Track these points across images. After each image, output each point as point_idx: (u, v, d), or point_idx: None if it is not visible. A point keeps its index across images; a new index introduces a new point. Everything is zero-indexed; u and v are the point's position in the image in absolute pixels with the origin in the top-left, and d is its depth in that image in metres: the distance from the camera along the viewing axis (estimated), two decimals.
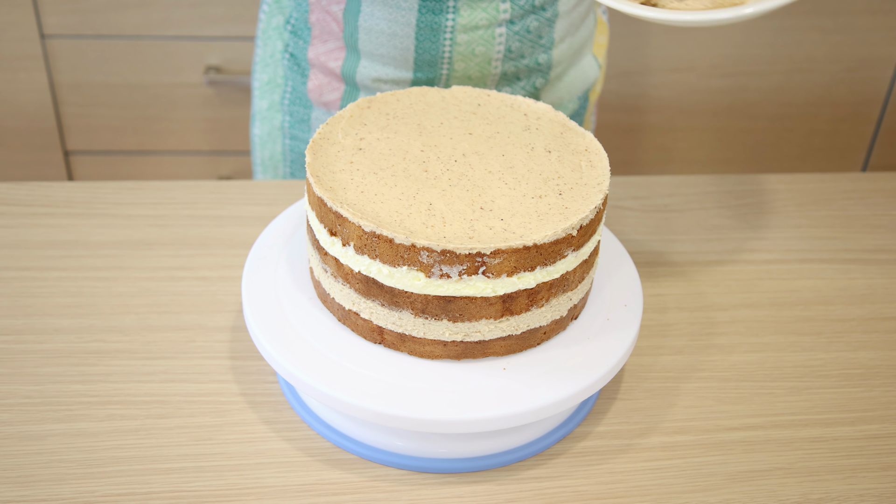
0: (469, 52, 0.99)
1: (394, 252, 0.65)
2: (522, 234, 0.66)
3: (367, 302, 0.69)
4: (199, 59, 1.84)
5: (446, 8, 0.95)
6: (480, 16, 0.96)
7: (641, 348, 0.84)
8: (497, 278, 0.66)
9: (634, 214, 1.02)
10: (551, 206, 0.69)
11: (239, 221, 0.97)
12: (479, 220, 0.67)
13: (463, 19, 0.96)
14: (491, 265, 0.65)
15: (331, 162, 0.72)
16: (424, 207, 0.68)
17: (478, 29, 0.97)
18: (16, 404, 0.75)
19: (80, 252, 0.92)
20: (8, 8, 1.75)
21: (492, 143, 0.75)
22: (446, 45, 0.98)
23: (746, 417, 0.78)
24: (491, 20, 0.97)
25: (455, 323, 0.68)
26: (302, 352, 0.70)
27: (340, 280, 0.70)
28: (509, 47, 1.00)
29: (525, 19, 0.98)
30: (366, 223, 0.65)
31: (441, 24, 0.96)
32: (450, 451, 0.71)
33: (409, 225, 0.66)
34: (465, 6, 0.96)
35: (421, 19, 0.96)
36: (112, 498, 0.68)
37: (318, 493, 0.70)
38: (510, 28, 0.98)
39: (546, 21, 1.00)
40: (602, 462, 0.73)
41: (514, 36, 0.99)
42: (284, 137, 1.12)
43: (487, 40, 0.98)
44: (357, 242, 0.67)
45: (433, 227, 0.66)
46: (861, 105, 2.02)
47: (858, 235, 0.99)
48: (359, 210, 0.67)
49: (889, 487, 0.72)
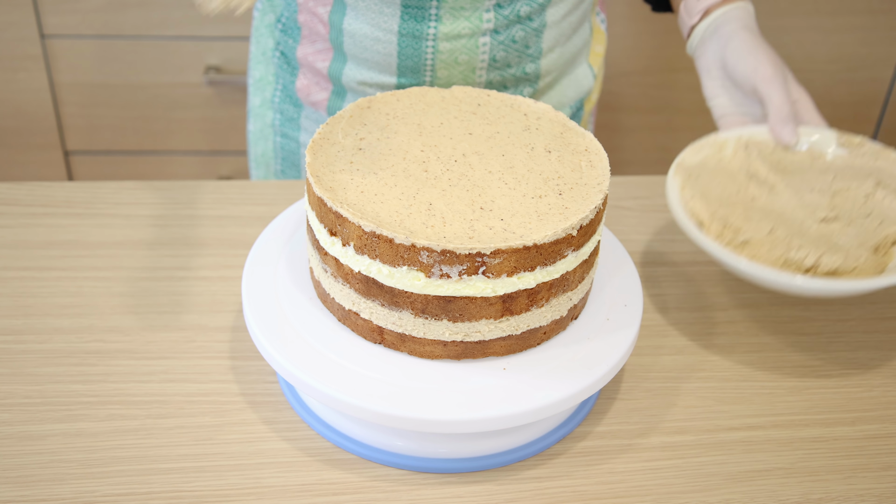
0: (452, 60, 0.98)
1: (394, 252, 0.65)
2: (522, 234, 0.66)
3: (367, 302, 0.69)
4: (199, 59, 1.84)
5: (428, 16, 0.95)
6: (463, 25, 0.95)
7: (641, 348, 0.84)
8: (497, 278, 0.66)
9: (634, 214, 1.02)
10: (551, 206, 0.69)
11: (239, 221, 0.97)
12: (479, 220, 0.67)
13: (445, 27, 0.95)
14: (491, 265, 0.65)
15: (331, 162, 0.72)
16: (424, 207, 0.68)
17: (460, 38, 0.96)
18: (16, 404, 0.75)
19: (80, 252, 0.92)
20: (8, 8, 1.75)
21: (492, 143, 0.75)
22: (428, 53, 0.97)
23: (746, 417, 0.78)
24: (474, 30, 0.96)
25: (455, 323, 0.68)
26: (302, 352, 0.70)
27: (340, 280, 0.70)
28: (494, 56, 0.99)
29: (510, 29, 0.97)
30: (366, 223, 0.65)
31: (423, 32, 0.96)
32: (450, 451, 0.71)
33: (408, 225, 0.66)
34: (448, 14, 0.95)
35: (403, 26, 0.95)
36: (112, 498, 0.68)
37: (318, 493, 0.70)
38: (494, 38, 0.97)
39: (533, 31, 0.99)
40: (602, 462, 0.73)
41: (499, 45, 0.98)
42: (275, 135, 1.12)
43: (471, 49, 0.98)
44: (357, 242, 0.67)
45: (433, 227, 0.66)
46: (861, 105, 2.01)
47: None
48: (359, 210, 0.67)
49: (889, 487, 0.72)
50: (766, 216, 0.80)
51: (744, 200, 0.84)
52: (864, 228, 0.80)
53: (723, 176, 0.85)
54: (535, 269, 0.66)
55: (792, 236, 0.77)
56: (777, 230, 0.77)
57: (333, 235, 0.69)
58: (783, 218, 0.81)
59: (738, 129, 0.88)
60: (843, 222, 0.81)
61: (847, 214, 0.81)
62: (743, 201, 0.84)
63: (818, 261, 0.74)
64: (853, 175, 0.85)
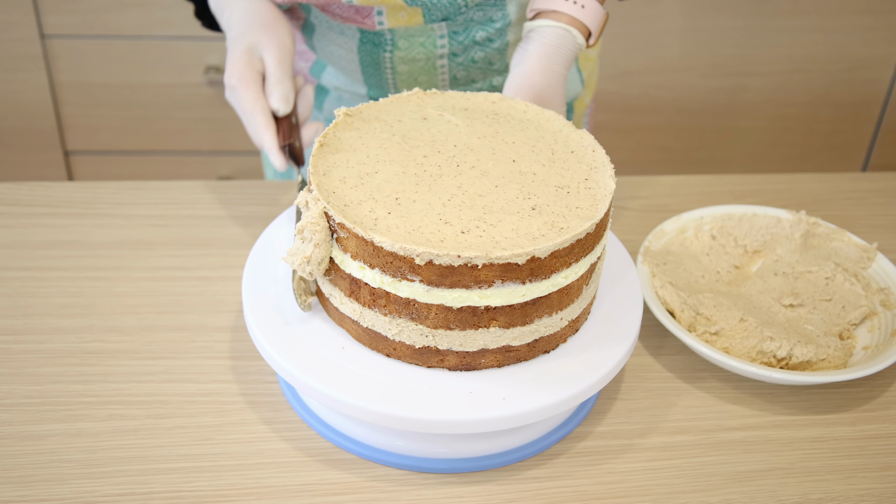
0: (412, 80, 1.00)
1: (389, 261, 0.65)
2: (524, 246, 0.65)
3: (368, 310, 0.69)
4: (199, 59, 1.84)
5: (384, 41, 0.96)
6: (418, 50, 0.96)
7: (641, 348, 0.84)
8: (496, 288, 0.65)
9: (634, 214, 1.02)
10: (553, 216, 0.68)
11: (239, 221, 0.97)
12: (477, 231, 0.66)
13: (401, 52, 0.96)
14: (487, 276, 0.64)
15: (329, 170, 0.71)
16: (424, 217, 0.67)
17: (416, 61, 0.97)
18: (16, 404, 0.75)
19: (80, 252, 0.92)
20: (8, 8, 1.75)
21: (493, 147, 0.75)
22: (388, 74, 0.99)
23: (746, 417, 0.78)
24: (429, 54, 0.97)
25: (455, 331, 0.67)
26: (301, 352, 0.70)
27: (337, 284, 0.70)
28: (454, 76, 1.00)
29: (469, 52, 0.97)
30: (362, 231, 0.65)
31: (380, 56, 0.97)
32: (450, 451, 0.71)
33: (408, 235, 0.65)
34: (403, 39, 0.95)
35: (362, 48, 0.97)
36: (112, 498, 0.68)
37: (318, 493, 0.70)
38: (453, 60, 0.98)
39: (494, 51, 0.98)
40: (602, 462, 0.73)
41: (458, 66, 0.99)
42: None
43: (429, 70, 0.98)
44: (354, 252, 0.66)
45: (433, 236, 0.65)
46: (861, 105, 2.02)
47: (859, 235, 0.99)
48: (359, 222, 0.66)
49: (889, 487, 0.72)
50: (735, 303, 0.84)
51: (710, 283, 0.88)
52: (829, 314, 0.84)
53: (687, 260, 0.90)
54: (534, 280, 0.66)
55: (763, 325, 0.80)
56: (747, 318, 0.81)
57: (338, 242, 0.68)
58: (751, 304, 0.85)
59: (698, 211, 0.94)
60: (807, 308, 0.85)
61: (811, 300, 0.85)
62: (710, 284, 0.88)
63: (790, 352, 0.78)
64: (813, 258, 0.90)
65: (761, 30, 1.89)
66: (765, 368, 0.76)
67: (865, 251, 0.90)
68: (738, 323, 0.81)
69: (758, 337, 0.79)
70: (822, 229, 0.93)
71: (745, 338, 0.80)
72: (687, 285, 0.87)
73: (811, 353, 0.78)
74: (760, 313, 0.83)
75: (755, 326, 0.80)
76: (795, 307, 0.85)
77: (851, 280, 0.86)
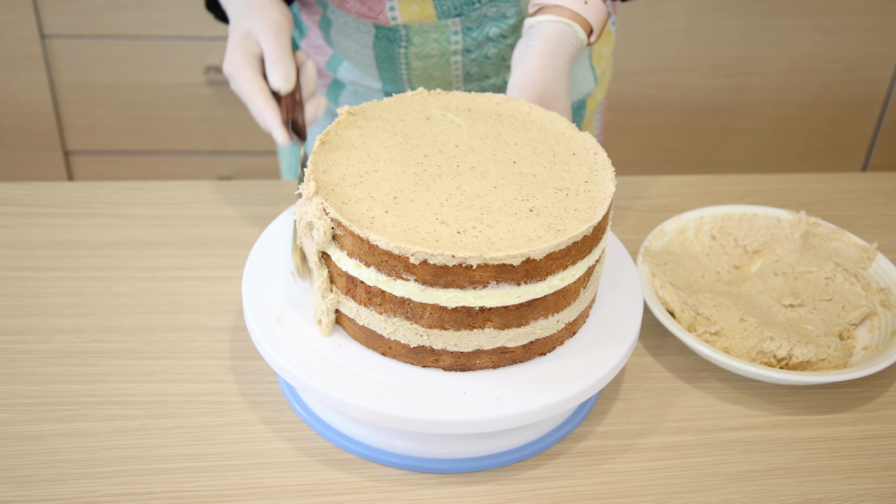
0: (426, 76, 1.00)
1: (384, 259, 0.65)
2: (519, 247, 0.65)
3: (365, 309, 0.69)
4: (199, 59, 1.84)
5: (399, 38, 0.96)
6: (432, 46, 0.97)
7: (641, 348, 0.84)
8: (491, 289, 0.65)
9: (634, 214, 1.02)
10: (551, 218, 0.68)
11: (239, 221, 0.97)
12: (474, 232, 0.66)
13: (415, 48, 0.97)
14: (482, 277, 0.64)
15: (329, 167, 0.71)
16: (421, 217, 0.67)
17: (431, 57, 0.98)
18: (16, 404, 0.75)
19: (80, 252, 0.92)
20: (8, 8, 1.75)
21: (495, 148, 0.75)
22: (402, 69, 0.99)
23: (746, 417, 0.78)
24: (443, 51, 0.97)
25: (450, 332, 0.67)
26: (301, 353, 0.70)
27: (335, 287, 0.70)
28: (468, 72, 1.00)
29: (482, 48, 0.98)
30: (358, 229, 0.65)
31: (395, 52, 0.98)
32: (450, 451, 0.71)
33: (404, 234, 0.65)
34: (417, 35, 0.96)
35: (377, 44, 0.98)
36: (112, 498, 0.68)
37: (318, 493, 0.70)
38: (466, 56, 0.98)
39: (507, 47, 0.98)
40: (602, 462, 0.73)
41: (472, 62, 0.99)
42: None
43: (442, 66, 0.99)
44: (350, 249, 0.66)
45: (429, 236, 0.65)
46: (861, 105, 2.01)
47: (858, 235, 0.99)
48: (356, 220, 0.66)
49: (889, 487, 0.72)
50: (735, 303, 0.84)
51: (710, 283, 0.88)
52: (829, 314, 0.84)
53: (687, 260, 0.90)
54: (531, 282, 0.65)
55: (762, 325, 0.80)
56: (747, 318, 0.81)
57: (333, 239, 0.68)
58: (751, 304, 0.85)
59: (698, 211, 0.94)
60: (807, 308, 0.85)
61: (811, 300, 0.85)
62: (710, 284, 0.88)
63: (790, 352, 0.79)
64: (813, 258, 0.90)
65: (762, 30, 1.89)
66: (765, 368, 0.76)
67: (865, 251, 0.90)
68: (738, 323, 0.81)
69: (758, 337, 0.79)
70: (822, 229, 0.93)
71: (745, 338, 0.80)
72: (687, 285, 0.87)
73: (811, 353, 0.78)
74: (760, 313, 0.83)
75: (755, 326, 0.80)
76: (795, 307, 0.85)
77: (851, 280, 0.86)
